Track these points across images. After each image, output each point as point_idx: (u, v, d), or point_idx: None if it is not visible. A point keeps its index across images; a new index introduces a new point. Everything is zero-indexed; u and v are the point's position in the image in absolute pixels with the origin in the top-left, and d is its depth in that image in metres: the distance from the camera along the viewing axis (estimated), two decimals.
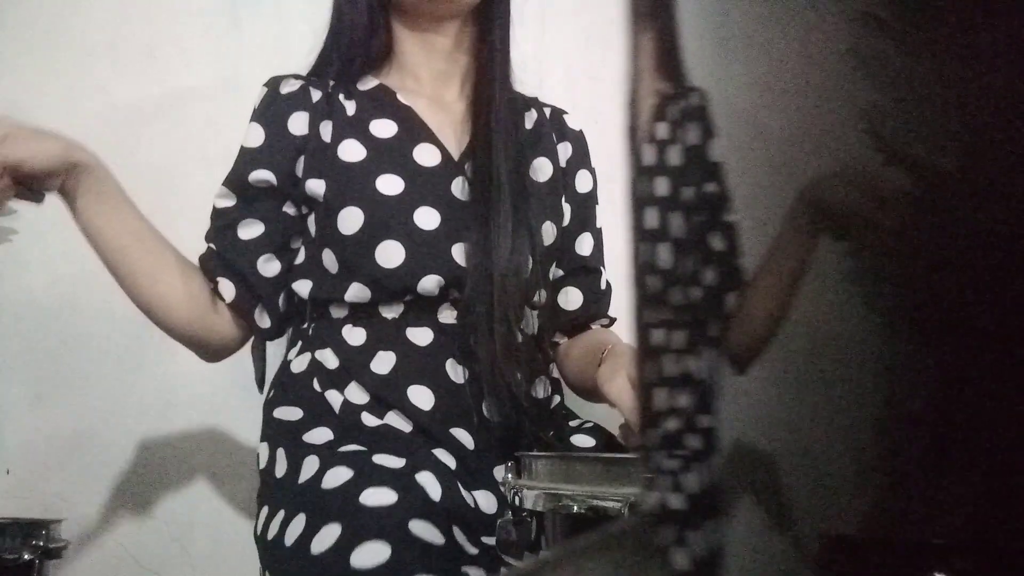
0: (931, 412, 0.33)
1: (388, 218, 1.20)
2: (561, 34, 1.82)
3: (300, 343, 1.28)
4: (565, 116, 1.45)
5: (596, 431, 1.30)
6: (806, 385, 0.36)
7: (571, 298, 1.39)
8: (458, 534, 1.08)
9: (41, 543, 1.21)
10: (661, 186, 0.39)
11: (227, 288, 1.25)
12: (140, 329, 1.38)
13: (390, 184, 1.22)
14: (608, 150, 1.43)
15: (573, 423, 1.33)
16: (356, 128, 1.27)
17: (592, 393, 1.31)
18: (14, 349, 1.63)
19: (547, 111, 1.43)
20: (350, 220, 1.20)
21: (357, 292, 1.21)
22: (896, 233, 0.34)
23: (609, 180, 1.50)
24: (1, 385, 1.61)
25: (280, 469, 1.19)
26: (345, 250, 1.21)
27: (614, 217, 1.47)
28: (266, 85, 1.31)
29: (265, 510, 1.17)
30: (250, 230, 1.26)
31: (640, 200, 0.39)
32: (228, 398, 1.61)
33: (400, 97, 1.31)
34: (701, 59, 0.40)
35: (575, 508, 0.84)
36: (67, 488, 1.59)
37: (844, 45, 0.36)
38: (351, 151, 1.25)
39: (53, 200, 1.78)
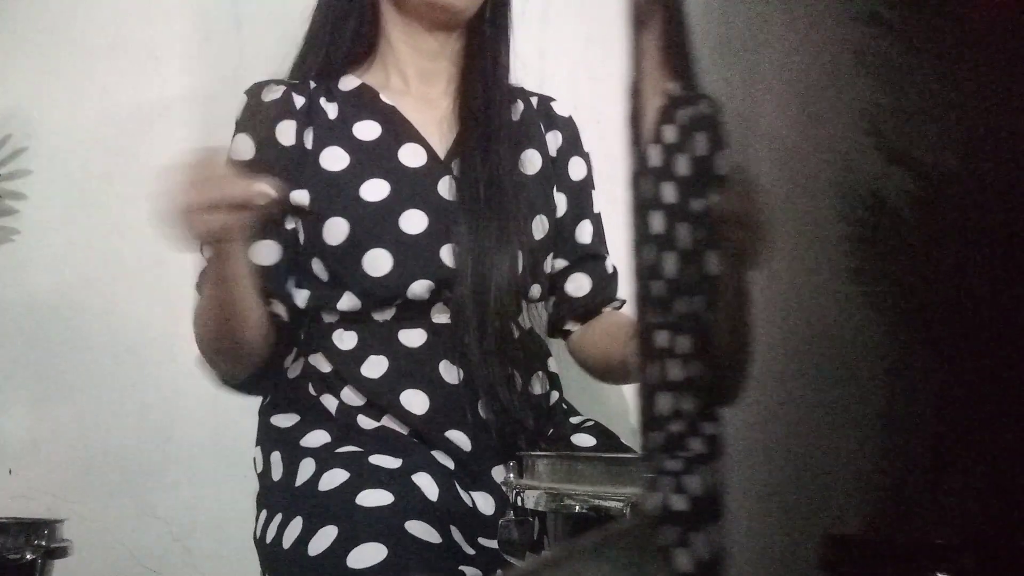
0: (933, 413, 0.32)
1: (373, 226, 1.19)
2: (562, 34, 1.82)
3: (294, 348, 1.27)
4: (553, 103, 1.42)
5: (597, 429, 1.29)
6: (809, 386, 0.36)
7: (579, 285, 1.37)
8: (455, 534, 1.08)
9: (43, 543, 1.21)
10: (668, 192, 0.38)
11: (282, 310, 1.23)
12: (142, 329, 1.38)
13: (375, 190, 1.21)
14: (609, 150, 1.43)
15: (574, 420, 1.32)
16: (339, 133, 1.25)
17: (618, 373, 1.30)
18: (16, 349, 1.63)
19: (534, 100, 1.40)
20: (335, 230, 1.19)
21: (348, 302, 1.20)
22: (898, 233, 0.34)
23: (608, 180, 1.49)
24: (3, 385, 1.61)
25: (277, 473, 1.18)
26: (332, 260, 1.20)
27: (615, 216, 1.47)
28: (247, 93, 1.29)
29: (264, 513, 1.17)
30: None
31: (644, 202, 0.39)
32: (229, 398, 1.61)
33: (383, 97, 1.29)
34: (703, 59, 0.40)
35: (577, 508, 0.84)
36: (69, 488, 1.59)
37: (846, 45, 0.36)
38: (334, 159, 1.23)
39: (54, 201, 1.78)
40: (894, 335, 0.34)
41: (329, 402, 1.19)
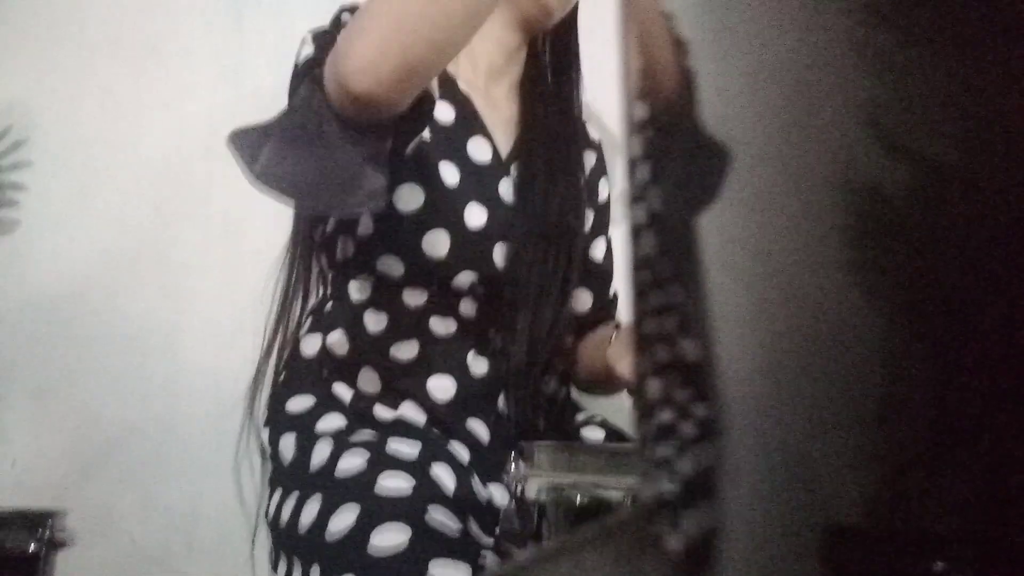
0: (931, 404, 0.33)
1: (444, 207, 1.18)
2: None
3: (311, 321, 1.27)
4: (588, 126, 1.45)
5: (606, 426, 1.30)
6: (805, 377, 0.36)
7: (581, 300, 1.39)
8: (473, 525, 1.08)
9: (46, 534, 1.22)
10: (643, 172, 0.39)
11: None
12: (143, 321, 1.38)
13: (449, 173, 1.20)
14: (611, 142, 1.44)
15: (580, 416, 1.33)
16: None
17: (602, 382, 1.32)
18: (18, 341, 1.63)
19: None
20: (409, 198, 1.17)
21: (389, 264, 1.19)
22: (896, 227, 0.34)
23: (610, 176, 1.50)
24: (5, 377, 1.62)
25: (288, 454, 1.18)
26: (391, 225, 1.18)
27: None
28: (337, 14, 1.18)
29: (278, 492, 1.17)
30: None
31: (637, 191, 0.39)
32: (232, 389, 1.61)
33: (460, 85, 1.28)
34: (697, 51, 0.40)
35: (578, 498, 0.84)
36: (72, 479, 1.59)
37: (844, 37, 0.36)
38: None
39: (57, 193, 1.78)
40: (892, 327, 0.34)
41: (343, 391, 1.19)
